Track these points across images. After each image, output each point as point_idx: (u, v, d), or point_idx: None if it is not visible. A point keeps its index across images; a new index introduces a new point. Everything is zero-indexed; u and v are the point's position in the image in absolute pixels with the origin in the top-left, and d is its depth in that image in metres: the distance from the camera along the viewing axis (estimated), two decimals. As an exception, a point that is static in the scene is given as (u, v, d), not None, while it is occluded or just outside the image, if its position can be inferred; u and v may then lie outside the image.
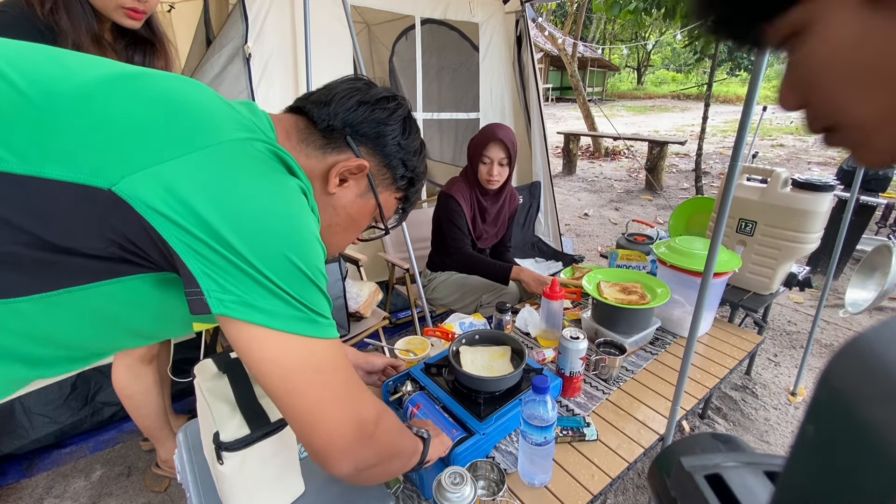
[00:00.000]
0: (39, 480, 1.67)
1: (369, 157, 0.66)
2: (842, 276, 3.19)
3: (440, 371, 1.18)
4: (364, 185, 0.68)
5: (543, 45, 13.57)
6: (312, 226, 0.55)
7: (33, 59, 0.50)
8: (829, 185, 1.73)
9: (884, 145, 0.31)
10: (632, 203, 5.67)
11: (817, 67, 0.31)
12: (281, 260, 0.49)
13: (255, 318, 0.48)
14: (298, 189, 0.55)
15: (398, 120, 0.68)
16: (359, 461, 0.57)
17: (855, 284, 2.32)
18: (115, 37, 1.18)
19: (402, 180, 0.71)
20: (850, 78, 0.30)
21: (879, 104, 0.29)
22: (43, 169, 0.44)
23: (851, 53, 0.29)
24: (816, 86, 0.32)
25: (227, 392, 0.79)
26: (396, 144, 0.68)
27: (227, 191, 0.48)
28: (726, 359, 1.46)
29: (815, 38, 0.30)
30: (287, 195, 0.53)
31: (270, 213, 0.50)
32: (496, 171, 1.89)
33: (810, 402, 0.16)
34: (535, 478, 0.96)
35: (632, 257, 1.89)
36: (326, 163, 0.64)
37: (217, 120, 0.52)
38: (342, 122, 0.64)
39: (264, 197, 0.50)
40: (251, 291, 0.48)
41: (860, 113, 0.30)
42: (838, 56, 0.30)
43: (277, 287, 0.49)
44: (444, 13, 2.86)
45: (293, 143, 0.63)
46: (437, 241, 2.08)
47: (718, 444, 0.31)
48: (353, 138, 0.65)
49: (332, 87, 0.67)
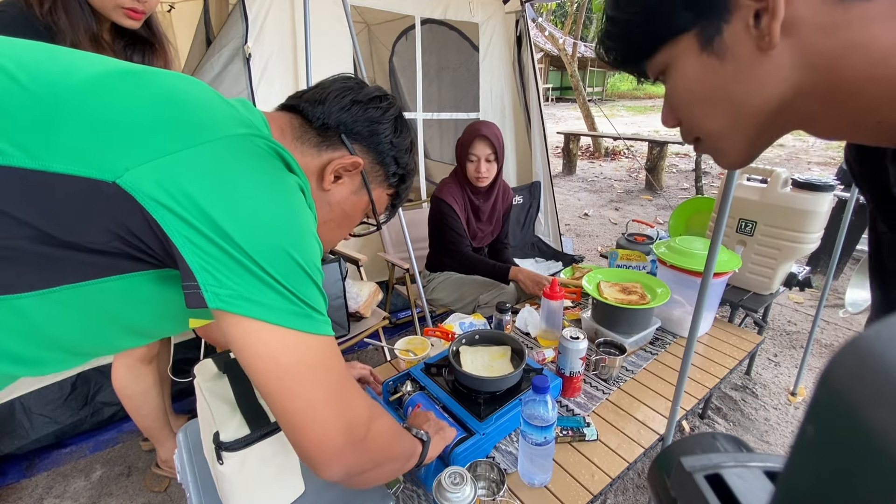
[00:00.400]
0: (39, 480, 1.67)
1: (363, 154, 0.68)
2: (842, 276, 3.19)
3: (440, 371, 1.18)
4: (358, 181, 0.69)
5: (543, 45, 13.58)
6: (311, 222, 0.55)
7: (34, 55, 0.50)
8: (829, 185, 1.73)
9: (732, 150, 0.43)
10: (632, 203, 5.67)
11: (680, 95, 0.43)
12: (280, 255, 0.49)
13: (252, 311, 0.48)
14: (297, 186, 0.55)
15: (390, 119, 0.70)
16: (350, 466, 0.56)
17: (855, 284, 2.32)
18: (113, 37, 1.18)
19: (393, 177, 0.73)
20: (699, 103, 0.41)
21: (720, 121, 0.41)
22: (46, 162, 0.44)
23: (698, 85, 0.40)
24: (681, 108, 0.44)
25: (227, 392, 0.79)
26: (389, 143, 0.70)
27: (229, 185, 0.48)
28: (726, 359, 1.46)
29: (675, 73, 0.41)
30: (287, 192, 0.53)
31: (271, 209, 0.50)
32: (483, 167, 1.89)
33: (810, 402, 0.16)
34: (535, 478, 0.96)
35: (632, 257, 1.89)
36: (322, 160, 0.65)
37: (218, 116, 0.52)
38: (337, 120, 0.65)
39: (265, 192, 0.51)
40: (248, 285, 0.48)
41: (709, 128, 0.42)
42: (690, 87, 0.41)
43: (275, 281, 0.49)
44: (444, 13, 2.86)
45: (288, 141, 0.64)
46: (434, 243, 2.08)
47: (718, 444, 0.31)
48: (348, 136, 0.66)
49: (326, 86, 0.68)
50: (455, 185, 1.96)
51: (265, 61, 2.09)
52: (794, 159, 8.01)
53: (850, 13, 0.32)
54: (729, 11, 0.36)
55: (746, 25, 0.35)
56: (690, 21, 0.38)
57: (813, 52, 0.34)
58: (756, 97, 0.38)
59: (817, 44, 0.34)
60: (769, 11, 0.34)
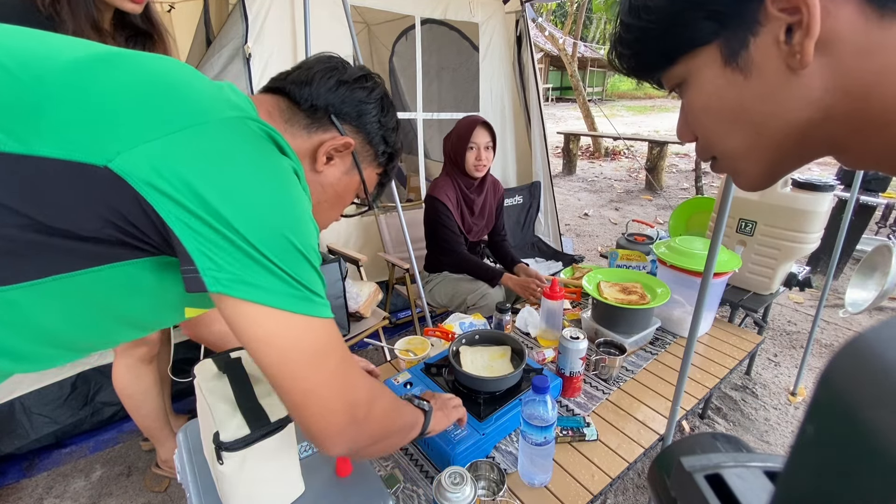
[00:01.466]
0: (39, 480, 1.67)
1: (352, 135, 0.68)
2: (842, 276, 3.19)
3: (440, 371, 1.18)
4: (349, 162, 0.70)
5: (543, 45, 13.57)
6: (307, 205, 0.55)
7: (20, 39, 0.49)
8: (829, 185, 1.73)
9: (751, 172, 0.40)
10: (632, 203, 5.67)
11: (696, 111, 0.40)
12: (278, 238, 0.49)
13: (252, 295, 0.48)
14: (291, 169, 0.55)
15: (377, 99, 0.70)
16: (352, 443, 0.58)
17: (855, 284, 2.31)
18: (114, 28, 1.18)
19: (383, 156, 0.73)
20: (718, 120, 0.39)
21: (739, 141, 0.38)
22: (35, 147, 0.43)
23: (718, 102, 0.38)
24: (697, 125, 0.41)
25: (227, 392, 0.79)
26: (377, 122, 0.70)
27: (224, 168, 0.48)
28: (726, 359, 1.46)
29: (694, 88, 0.39)
30: (282, 175, 0.53)
31: (268, 192, 0.50)
32: (483, 155, 1.93)
33: (810, 403, 0.16)
34: (535, 478, 0.96)
35: (632, 257, 1.89)
36: (313, 142, 0.65)
37: (209, 98, 0.51)
38: (325, 101, 0.65)
39: (261, 175, 0.50)
40: (247, 269, 0.48)
41: (727, 147, 0.40)
42: (709, 103, 0.38)
43: (274, 265, 0.49)
44: (444, 13, 2.86)
45: (277, 124, 0.64)
46: (430, 243, 2.09)
47: (718, 444, 0.31)
48: (337, 117, 0.66)
49: (310, 67, 0.67)
50: (447, 182, 1.98)
51: (265, 61, 2.09)
52: (794, 159, 8.01)
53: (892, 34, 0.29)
54: (758, 23, 0.33)
55: (776, 41, 0.32)
56: (713, 32, 0.35)
57: (848, 75, 0.31)
58: (780, 119, 0.35)
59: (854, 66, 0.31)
60: (803, 27, 0.31)
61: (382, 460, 1.03)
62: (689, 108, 0.41)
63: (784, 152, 0.37)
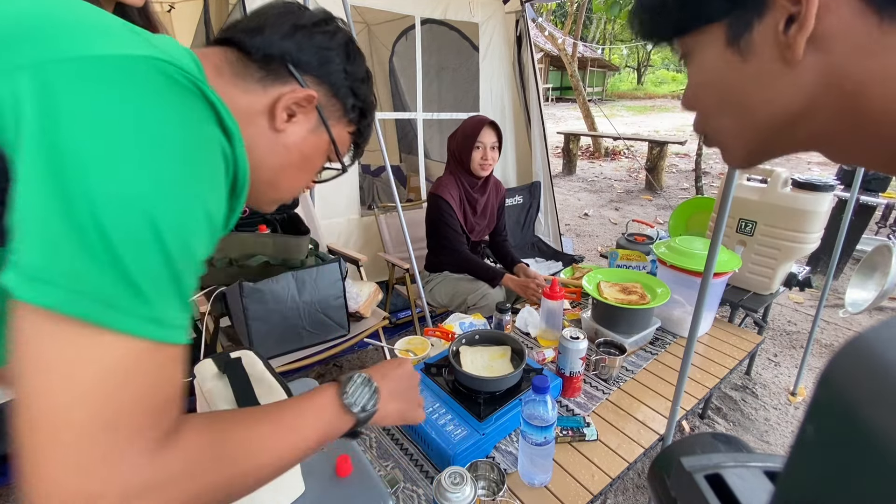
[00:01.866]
0: (39, 480, 1.66)
1: (315, 86, 0.59)
2: (842, 276, 3.19)
3: (440, 371, 1.18)
4: (314, 118, 0.60)
5: (543, 45, 13.58)
6: (206, 191, 0.41)
7: None
8: (829, 185, 1.73)
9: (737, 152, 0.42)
10: (632, 203, 5.67)
11: (695, 85, 0.42)
12: (135, 220, 0.36)
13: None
14: (212, 139, 0.44)
15: (341, 44, 0.61)
16: None
17: (855, 284, 2.32)
18: None
19: (353, 111, 0.64)
20: (711, 97, 0.40)
21: (729, 121, 0.40)
22: None
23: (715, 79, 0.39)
24: (695, 98, 0.42)
25: (227, 392, 0.79)
26: (342, 71, 0.61)
27: (104, 121, 0.36)
28: (726, 359, 1.46)
29: (696, 63, 0.40)
30: (191, 141, 0.41)
31: (151, 157, 0.37)
32: (489, 155, 1.94)
33: (810, 402, 0.16)
34: (535, 478, 0.96)
35: (632, 257, 1.89)
36: (269, 96, 0.56)
37: (114, 31, 0.41)
38: (280, 49, 0.57)
39: (155, 139, 0.37)
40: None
41: (718, 125, 0.41)
42: (707, 79, 0.40)
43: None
44: (444, 13, 2.86)
45: (226, 79, 0.55)
46: (432, 243, 2.09)
47: (718, 444, 0.31)
48: (296, 67, 0.58)
49: (263, 13, 0.59)
50: (451, 180, 1.98)
51: (265, 61, 2.08)
52: (794, 159, 8.01)
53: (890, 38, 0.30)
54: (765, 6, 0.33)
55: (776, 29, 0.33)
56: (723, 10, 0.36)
57: (841, 73, 0.32)
58: (769, 107, 0.36)
59: (848, 66, 0.31)
60: (798, 20, 0.31)
61: (382, 460, 1.03)
62: (690, 81, 0.42)
63: (771, 137, 0.38)
